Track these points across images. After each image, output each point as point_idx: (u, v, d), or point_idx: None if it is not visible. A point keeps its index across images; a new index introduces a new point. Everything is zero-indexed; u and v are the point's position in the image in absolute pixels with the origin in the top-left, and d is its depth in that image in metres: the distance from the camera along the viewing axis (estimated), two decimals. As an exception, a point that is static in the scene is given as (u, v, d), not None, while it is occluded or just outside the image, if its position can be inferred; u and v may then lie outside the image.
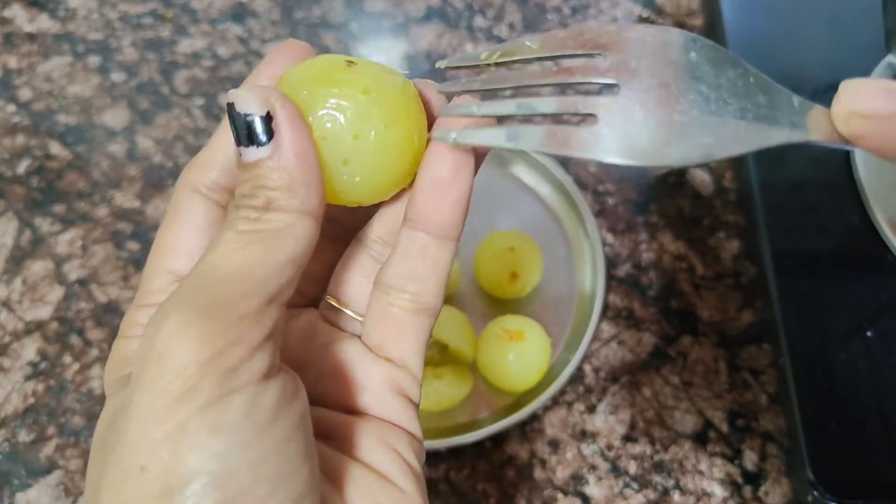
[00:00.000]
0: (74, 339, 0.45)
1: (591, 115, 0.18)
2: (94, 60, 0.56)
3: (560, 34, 0.19)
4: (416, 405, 0.21)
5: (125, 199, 0.50)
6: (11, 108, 0.54)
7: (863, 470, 0.38)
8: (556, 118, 0.19)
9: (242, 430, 0.16)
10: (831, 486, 0.37)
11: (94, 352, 0.45)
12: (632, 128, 0.17)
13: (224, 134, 0.21)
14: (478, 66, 0.19)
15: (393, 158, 0.19)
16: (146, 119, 0.53)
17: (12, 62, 0.56)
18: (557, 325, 0.44)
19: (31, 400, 0.43)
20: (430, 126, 0.20)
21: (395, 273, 0.20)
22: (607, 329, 0.45)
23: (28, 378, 0.44)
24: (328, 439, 0.19)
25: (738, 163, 0.49)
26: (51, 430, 0.42)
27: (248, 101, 0.18)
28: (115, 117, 0.53)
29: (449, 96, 0.20)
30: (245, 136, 0.18)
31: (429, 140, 0.20)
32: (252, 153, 0.18)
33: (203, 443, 0.15)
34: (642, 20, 0.57)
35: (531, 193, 0.49)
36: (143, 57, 0.56)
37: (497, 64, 0.19)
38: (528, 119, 0.19)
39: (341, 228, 0.23)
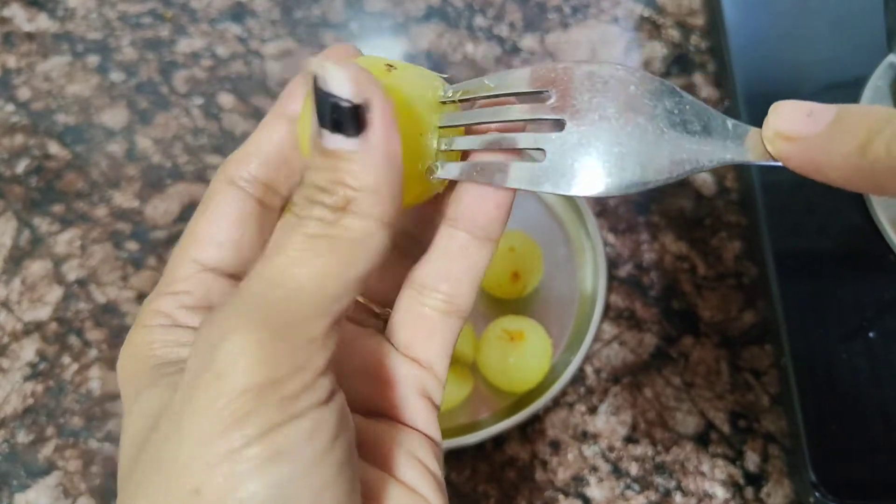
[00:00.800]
0: (73, 340, 0.45)
1: (539, 149, 0.19)
2: (93, 60, 0.56)
3: (516, 73, 0.20)
4: (438, 409, 0.20)
5: (124, 198, 0.50)
6: (10, 107, 0.54)
7: (865, 471, 0.38)
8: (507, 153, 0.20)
9: (304, 457, 0.15)
10: (833, 487, 0.37)
11: (94, 352, 0.45)
12: (575, 161, 0.19)
13: (265, 132, 0.20)
14: (444, 102, 0.20)
15: (429, 184, 0.19)
16: (145, 119, 0.53)
17: (11, 62, 0.56)
18: (558, 325, 0.44)
19: (30, 401, 0.43)
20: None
21: (431, 271, 0.20)
22: (608, 330, 0.45)
23: (27, 379, 0.44)
24: (358, 449, 0.19)
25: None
26: (50, 430, 0.42)
27: (343, 83, 0.16)
28: (114, 117, 0.53)
29: None
30: (331, 119, 0.16)
31: None
32: (336, 141, 0.16)
33: (262, 468, 0.14)
34: (643, 20, 0.57)
35: (531, 193, 0.49)
36: (142, 57, 0.56)
37: (460, 101, 0.20)
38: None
39: None
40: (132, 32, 0.57)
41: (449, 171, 0.20)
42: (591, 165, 0.19)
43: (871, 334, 0.41)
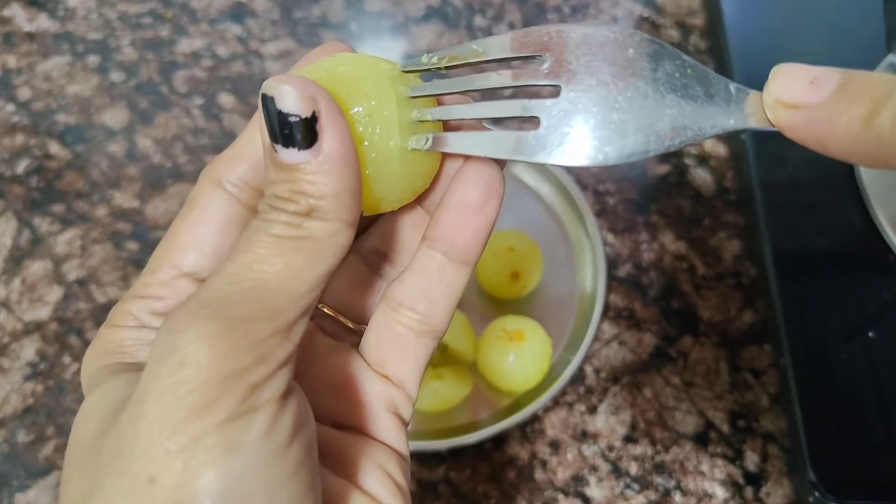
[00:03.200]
0: (73, 340, 0.45)
1: (533, 117, 0.18)
2: (93, 60, 0.56)
3: (506, 37, 0.19)
4: (407, 425, 0.21)
5: (124, 199, 0.50)
6: (11, 107, 0.54)
7: (864, 470, 0.38)
8: (498, 122, 0.19)
9: (261, 451, 0.15)
10: (833, 487, 0.37)
11: (94, 352, 0.45)
12: (572, 129, 0.18)
13: (255, 129, 0.19)
14: (429, 69, 0.19)
15: (411, 166, 0.19)
16: (145, 119, 0.53)
17: (11, 62, 0.56)
18: (558, 325, 0.44)
19: (30, 400, 0.43)
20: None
21: (408, 291, 0.20)
22: (608, 329, 0.45)
23: (27, 378, 0.44)
24: (322, 457, 0.19)
25: (738, 162, 0.49)
26: (50, 430, 0.42)
27: (290, 98, 0.16)
28: (115, 117, 0.53)
29: None
30: (283, 135, 0.16)
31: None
32: (291, 155, 0.16)
33: (220, 459, 0.14)
34: (643, 20, 0.57)
35: (531, 193, 0.49)
36: (143, 57, 0.56)
37: (447, 68, 0.19)
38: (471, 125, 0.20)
39: None
40: (132, 32, 0.57)
41: (437, 142, 0.19)
42: (588, 134, 0.18)
43: (870, 334, 0.41)
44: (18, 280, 0.47)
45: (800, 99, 0.17)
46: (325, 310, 0.21)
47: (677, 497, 0.40)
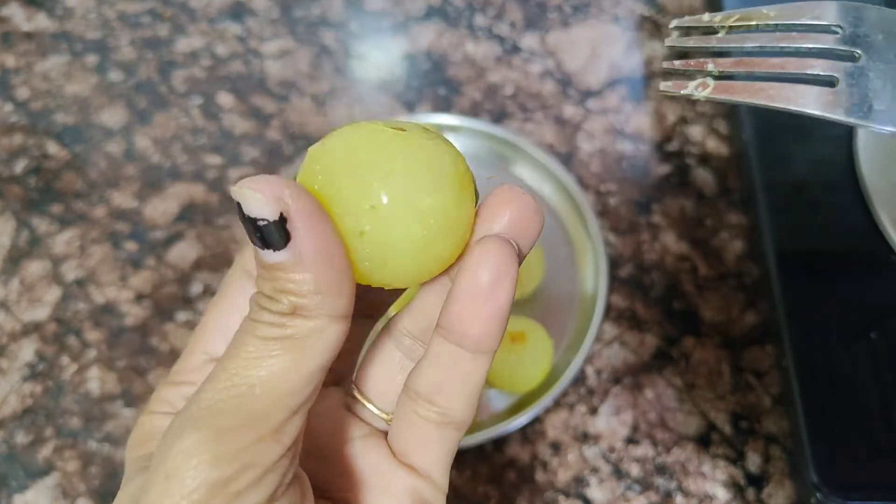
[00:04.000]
0: (72, 340, 0.45)
1: (833, 77, 0.19)
2: (91, 59, 0.56)
3: (797, 5, 0.20)
4: None
5: (123, 198, 0.50)
6: (9, 107, 0.53)
7: (867, 471, 0.38)
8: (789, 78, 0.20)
9: None
10: (835, 488, 0.37)
11: (93, 353, 0.44)
12: (871, 93, 0.18)
13: None
14: (711, 27, 0.20)
15: (423, 251, 0.17)
16: (144, 118, 0.53)
17: (10, 61, 0.55)
18: (559, 326, 0.44)
19: (29, 401, 0.43)
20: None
21: (424, 381, 0.19)
22: (609, 330, 0.45)
23: (26, 379, 0.44)
24: None
25: (741, 163, 0.49)
26: (48, 431, 0.42)
27: (257, 203, 0.15)
28: (113, 116, 0.53)
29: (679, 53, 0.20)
30: (258, 238, 0.16)
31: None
32: (269, 256, 0.16)
33: None
34: (644, 19, 0.57)
35: (532, 193, 0.49)
36: (141, 56, 0.56)
37: (731, 27, 0.20)
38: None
39: (364, 304, 0.21)
40: (131, 32, 0.57)
41: (719, 89, 0.19)
42: (888, 99, 0.18)
43: (872, 335, 0.41)
44: (17, 280, 0.47)
45: None
46: (357, 396, 0.21)
47: (679, 498, 0.40)
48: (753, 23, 0.20)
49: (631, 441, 0.42)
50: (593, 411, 0.42)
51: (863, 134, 0.45)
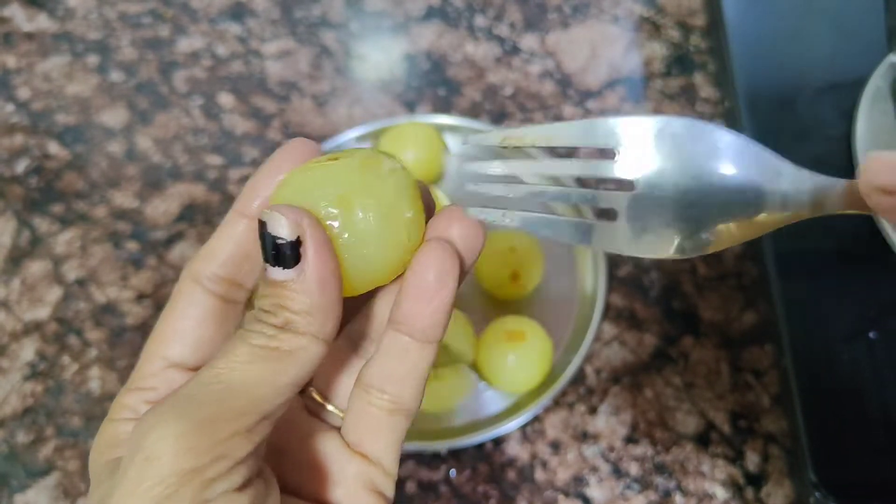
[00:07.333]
0: (73, 340, 0.45)
1: (611, 209, 0.19)
2: (92, 60, 0.56)
3: (575, 125, 0.20)
4: (390, 500, 0.22)
5: (124, 198, 0.50)
6: (10, 107, 0.54)
7: (865, 471, 0.38)
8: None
9: None
10: (834, 488, 0.37)
11: (93, 352, 0.45)
12: (647, 223, 0.19)
13: (228, 228, 0.21)
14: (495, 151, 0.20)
15: (378, 249, 0.20)
16: (145, 119, 0.53)
17: (11, 61, 0.56)
18: (558, 325, 0.44)
19: (30, 401, 0.43)
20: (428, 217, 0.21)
21: (376, 373, 0.21)
22: (608, 330, 0.45)
23: (26, 379, 0.44)
24: None
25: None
26: (49, 430, 0.42)
27: (280, 224, 0.18)
28: (114, 117, 0.53)
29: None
30: (272, 256, 0.18)
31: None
32: (278, 273, 0.18)
33: None
34: (643, 20, 0.57)
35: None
36: (142, 56, 0.56)
37: (515, 148, 0.20)
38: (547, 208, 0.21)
39: None
40: (132, 32, 0.57)
41: (520, 222, 0.20)
42: (662, 229, 0.18)
43: (871, 335, 0.41)
44: (18, 280, 0.47)
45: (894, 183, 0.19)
46: (316, 397, 0.23)
47: (678, 497, 0.40)
48: (528, 144, 0.20)
49: (630, 440, 0.42)
50: (593, 411, 0.42)
51: (863, 134, 0.45)
